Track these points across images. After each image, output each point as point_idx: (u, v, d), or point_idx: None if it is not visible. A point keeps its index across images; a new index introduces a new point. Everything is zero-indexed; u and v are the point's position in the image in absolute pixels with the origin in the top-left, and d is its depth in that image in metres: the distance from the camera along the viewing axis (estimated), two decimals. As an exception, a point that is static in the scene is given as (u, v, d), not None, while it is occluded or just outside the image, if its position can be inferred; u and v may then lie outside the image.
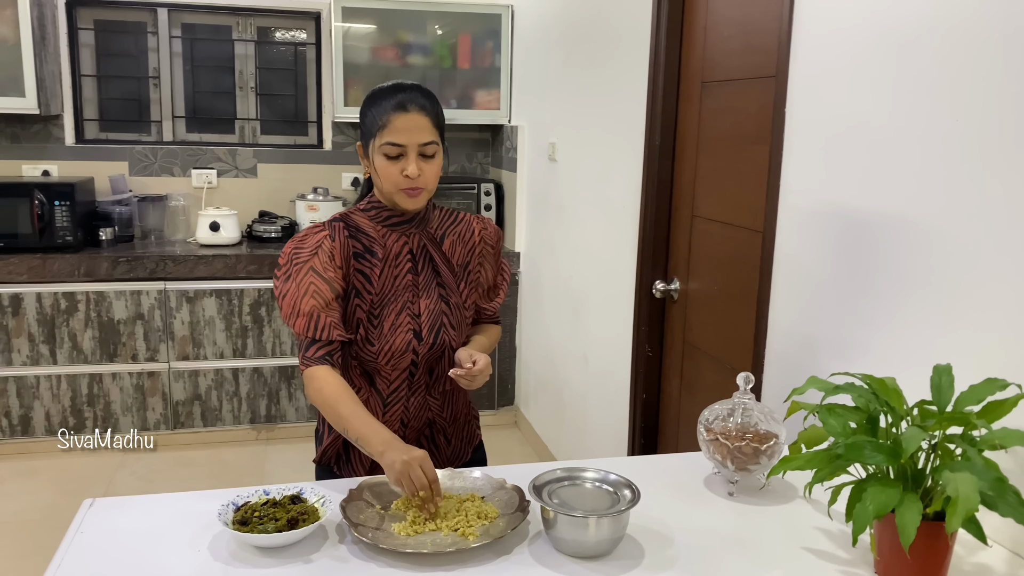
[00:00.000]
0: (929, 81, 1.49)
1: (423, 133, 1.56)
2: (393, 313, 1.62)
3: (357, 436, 1.48)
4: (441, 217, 1.74)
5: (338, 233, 1.61)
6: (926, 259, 1.50)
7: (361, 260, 1.62)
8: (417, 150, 1.56)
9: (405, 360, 1.63)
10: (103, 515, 1.39)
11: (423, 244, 1.68)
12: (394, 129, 1.54)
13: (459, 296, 1.70)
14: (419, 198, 1.60)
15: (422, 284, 1.65)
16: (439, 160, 1.60)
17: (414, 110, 1.55)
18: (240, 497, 1.36)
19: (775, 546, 1.33)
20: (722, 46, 2.32)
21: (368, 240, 1.63)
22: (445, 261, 1.70)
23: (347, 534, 1.33)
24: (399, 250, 1.65)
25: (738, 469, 1.49)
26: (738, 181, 2.22)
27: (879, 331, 1.62)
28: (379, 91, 1.61)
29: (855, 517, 1.12)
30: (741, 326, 2.21)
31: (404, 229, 1.66)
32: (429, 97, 1.60)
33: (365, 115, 1.61)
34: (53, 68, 3.94)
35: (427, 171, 1.57)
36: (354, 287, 1.61)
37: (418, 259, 1.66)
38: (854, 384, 1.22)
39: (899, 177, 1.57)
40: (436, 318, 1.65)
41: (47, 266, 3.65)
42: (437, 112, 1.60)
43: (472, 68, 4.26)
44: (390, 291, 1.63)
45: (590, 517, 1.27)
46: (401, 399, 1.67)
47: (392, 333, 1.61)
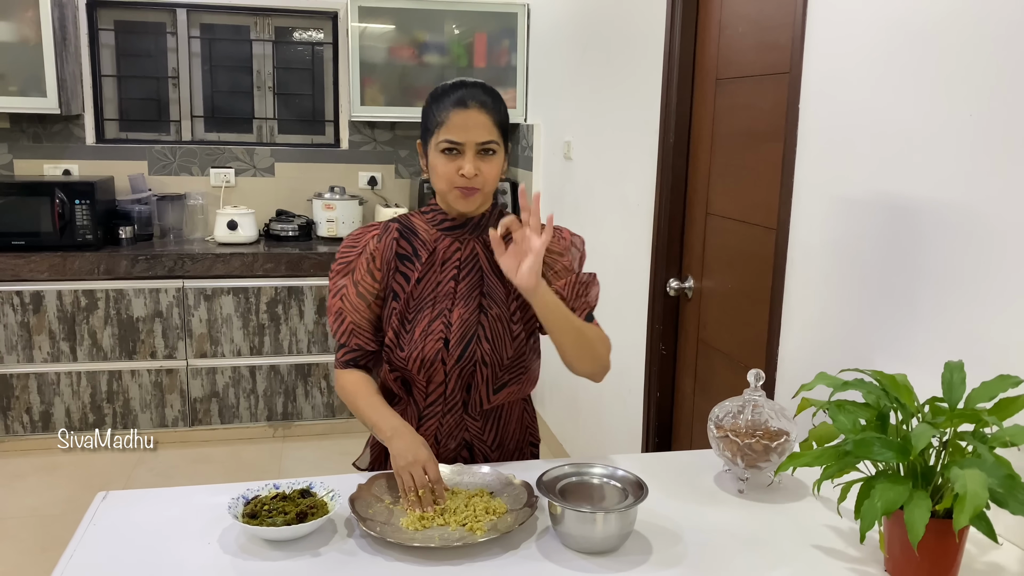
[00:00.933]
0: (945, 75, 1.47)
1: (482, 131, 1.49)
2: (427, 319, 1.56)
3: (371, 424, 1.51)
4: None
5: (387, 234, 1.59)
6: (942, 256, 1.49)
7: (404, 262, 1.59)
8: (475, 148, 1.49)
9: (438, 372, 1.57)
10: (116, 508, 1.41)
11: (475, 251, 1.60)
12: (452, 126, 1.48)
13: (505, 308, 1.59)
14: (473, 199, 1.52)
15: (461, 292, 1.58)
16: (499, 160, 1.53)
17: (474, 107, 1.49)
18: (250, 491, 1.37)
19: (784, 543, 1.33)
20: (736, 43, 2.31)
21: (418, 243, 1.59)
22: (495, 271, 1.58)
23: (355, 528, 1.33)
24: (448, 256, 1.59)
25: (748, 466, 1.48)
26: (752, 178, 2.21)
27: (894, 328, 1.61)
28: (441, 88, 1.55)
29: (863, 514, 1.11)
30: (755, 324, 2.20)
31: (458, 234, 1.60)
32: (492, 95, 1.54)
33: (426, 113, 1.55)
34: (74, 68, 3.99)
35: (485, 171, 1.50)
36: (392, 290, 1.58)
37: (464, 266, 1.59)
38: (863, 380, 1.21)
39: (915, 174, 1.55)
40: (469, 328, 1.56)
41: (67, 264, 3.70)
42: (500, 110, 1.53)
43: (488, 67, 4.26)
44: (428, 296, 1.57)
45: (597, 513, 1.27)
46: (436, 415, 1.61)
47: (422, 340, 1.55)
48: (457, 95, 1.50)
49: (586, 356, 1.56)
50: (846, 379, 1.22)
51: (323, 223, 4.23)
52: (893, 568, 1.21)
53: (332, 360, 4.00)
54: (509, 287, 1.58)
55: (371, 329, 1.60)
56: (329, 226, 4.22)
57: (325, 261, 3.94)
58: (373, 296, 1.58)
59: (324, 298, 3.96)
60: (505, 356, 1.58)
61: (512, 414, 1.69)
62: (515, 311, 1.59)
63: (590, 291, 1.62)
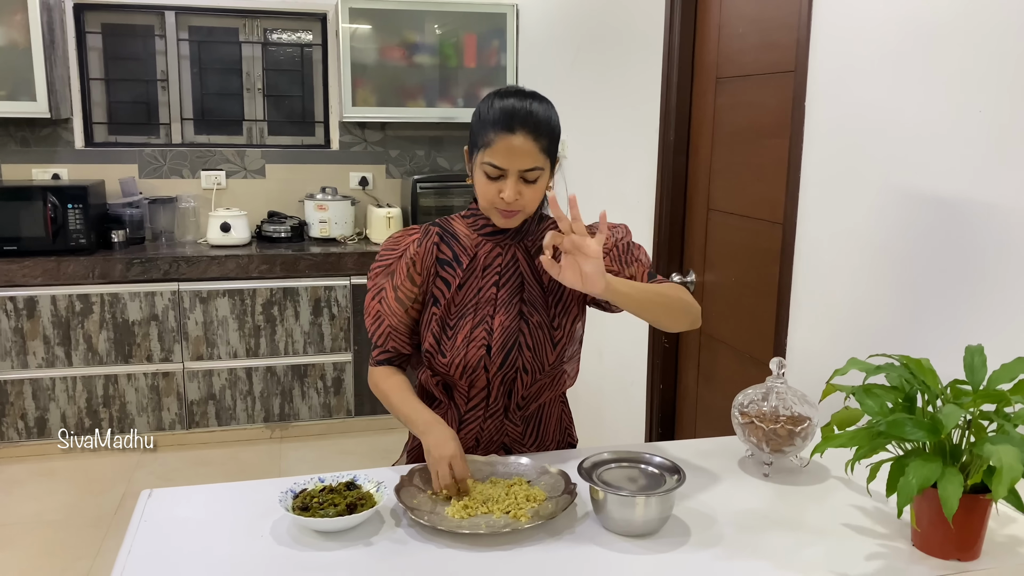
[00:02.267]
0: (955, 71, 1.54)
1: (526, 159, 1.46)
2: (469, 325, 1.57)
3: (404, 419, 1.54)
4: (544, 229, 1.64)
5: (428, 238, 1.60)
6: (950, 247, 1.56)
7: (445, 267, 1.59)
8: (518, 175, 1.48)
9: (480, 378, 1.59)
10: (162, 505, 1.43)
11: (516, 257, 1.60)
12: (496, 151, 1.46)
13: (545, 315, 1.60)
14: (514, 219, 1.54)
15: (502, 299, 1.59)
16: (542, 184, 1.52)
17: (520, 133, 1.45)
18: (297, 484, 1.41)
19: (814, 522, 1.39)
20: (736, 43, 2.37)
21: (459, 248, 1.60)
22: (536, 277, 1.60)
23: (402, 518, 1.37)
24: (489, 261, 1.60)
25: (773, 451, 1.54)
26: (756, 174, 2.28)
27: (903, 317, 1.68)
28: (492, 102, 1.51)
29: (899, 490, 1.17)
30: (760, 316, 2.26)
31: (499, 240, 1.60)
32: (542, 116, 1.49)
33: (474, 124, 1.53)
34: (62, 72, 3.97)
35: (526, 195, 1.50)
36: (432, 295, 1.60)
37: (505, 272, 1.60)
38: (893, 365, 1.28)
39: (925, 169, 1.62)
40: (510, 336, 1.58)
41: (61, 268, 3.68)
42: (549, 132, 1.50)
43: (478, 67, 4.31)
44: (470, 302, 1.59)
45: (639, 496, 1.32)
46: (477, 419, 1.64)
47: (465, 346, 1.57)
48: (506, 116, 1.46)
49: (679, 313, 1.54)
50: (878, 364, 1.28)
51: (315, 224, 4.25)
52: (921, 542, 1.28)
53: (328, 360, 4.03)
54: (549, 293, 1.61)
55: (408, 333, 1.62)
56: (322, 227, 4.24)
57: (320, 262, 3.96)
58: (411, 301, 1.60)
59: (320, 299, 3.98)
60: (547, 363, 1.61)
61: (551, 416, 1.73)
62: (555, 316, 1.62)
63: (638, 255, 1.63)
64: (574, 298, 1.64)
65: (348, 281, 4.01)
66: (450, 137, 4.60)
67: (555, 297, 1.62)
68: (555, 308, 1.62)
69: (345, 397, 4.12)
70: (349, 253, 4.01)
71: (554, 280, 1.59)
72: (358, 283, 4.02)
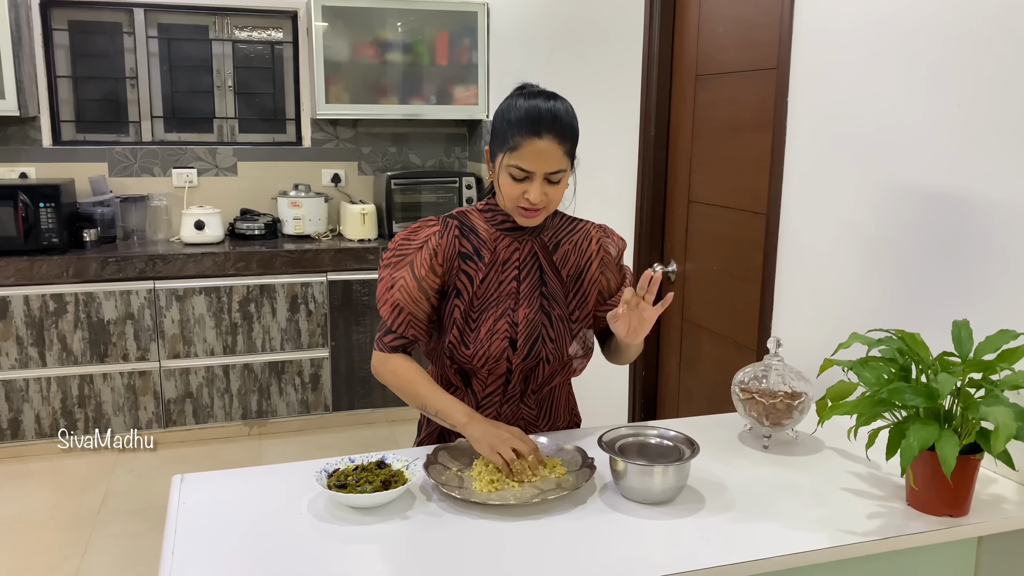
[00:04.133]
0: (933, 66, 1.66)
1: (552, 162, 1.52)
2: (492, 318, 1.63)
3: (436, 410, 1.59)
4: (559, 224, 1.71)
5: (448, 231, 1.63)
6: (927, 232, 1.68)
7: (467, 261, 1.63)
8: (543, 177, 1.53)
9: (500, 367, 1.65)
10: (196, 489, 1.47)
11: (534, 251, 1.66)
12: (523, 155, 1.51)
13: (564, 308, 1.68)
14: (536, 217, 1.59)
15: (524, 292, 1.64)
16: (565, 183, 1.58)
17: (548, 137, 1.51)
18: (330, 465, 1.47)
19: (816, 488, 1.49)
20: (716, 41, 2.48)
21: (478, 242, 1.64)
22: (554, 271, 1.67)
23: (433, 493, 1.44)
24: (508, 256, 1.65)
25: (772, 424, 1.65)
26: (738, 168, 2.39)
27: (885, 300, 1.80)
28: (516, 104, 1.55)
29: (902, 452, 1.27)
30: (743, 302, 2.38)
31: (517, 235, 1.65)
32: (566, 118, 1.55)
33: (498, 125, 1.57)
34: (29, 69, 3.92)
35: (551, 194, 1.56)
36: (455, 287, 1.63)
37: (524, 266, 1.65)
38: (891, 338, 1.39)
39: (905, 159, 1.74)
40: (534, 329, 1.64)
41: (34, 268, 3.65)
42: (572, 134, 1.56)
43: (450, 64, 4.37)
44: (492, 296, 1.63)
45: (657, 466, 1.41)
46: (494, 404, 1.70)
47: (488, 339, 1.62)
48: (532, 121, 1.51)
49: (634, 356, 1.75)
50: (878, 337, 1.39)
51: (289, 221, 4.26)
52: (915, 501, 1.39)
53: (305, 357, 4.06)
54: (567, 287, 1.69)
55: (426, 320, 1.66)
56: (296, 223, 4.26)
57: (296, 259, 3.98)
58: (433, 291, 1.64)
59: (296, 295, 4.00)
60: (566, 353, 1.69)
61: (560, 397, 1.81)
62: (574, 310, 1.70)
63: (624, 273, 1.77)
64: (592, 292, 1.72)
65: (324, 277, 4.04)
66: (421, 134, 4.65)
67: (574, 291, 1.71)
68: (574, 301, 1.70)
69: (323, 393, 4.15)
70: (324, 249, 4.04)
71: (571, 274, 1.70)
72: (334, 279, 4.05)
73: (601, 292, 1.74)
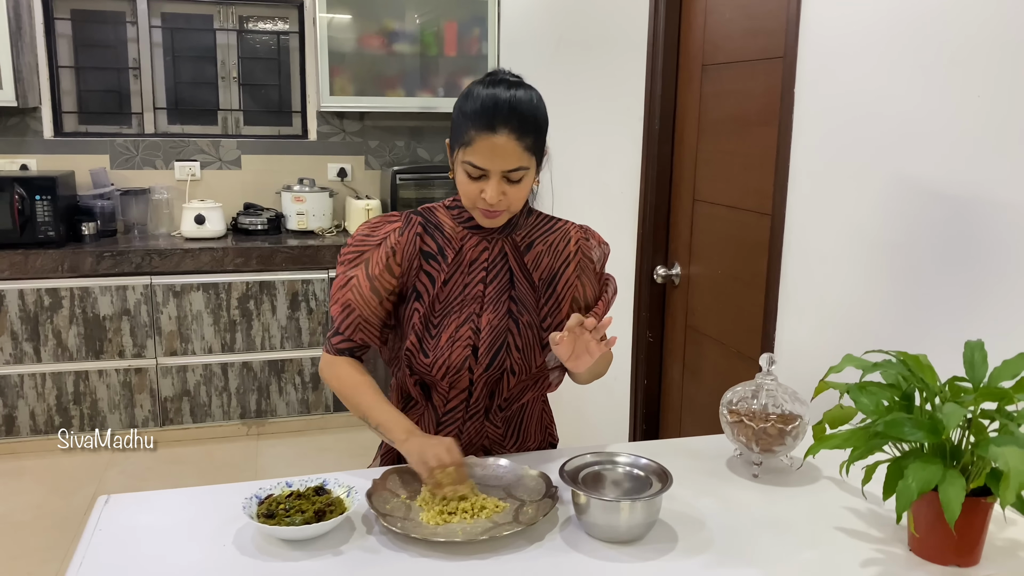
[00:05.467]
0: (951, 54, 1.48)
1: (509, 159, 1.37)
2: (454, 324, 1.48)
3: (377, 423, 1.46)
4: (534, 223, 1.56)
5: (410, 228, 1.50)
6: (946, 237, 1.50)
7: (429, 261, 1.50)
8: (500, 175, 1.38)
9: (463, 379, 1.51)
10: (120, 512, 1.35)
11: (504, 252, 1.52)
12: (477, 151, 1.37)
13: (534, 315, 1.53)
14: (497, 219, 1.45)
15: (490, 296, 1.50)
16: (528, 182, 1.42)
17: (503, 133, 1.35)
18: (263, 490, 1.33)
19: (807, 526, 1.33)
20: (723, 28, 2.30)
21: (443, 240, 1.50)
22: (525, 273, 1.53)
23: (375, 524, 1.30)
24: (475, 256, 1.51)
25: (763, 451, 1.48)
26: (743, 164, 2.22)
27: (896, 311, 1.62)
28: (474, 93, 1.40)
29: (898, 494, 1.11)
30: (747, 309, 2.20)
31: (486, 233, 1.51)
32: (527, 109, 1.39)
33: (455, 115, 1.43)
34: (30, 59, 3.85)
35: (511, 195, 1.41)
36: (415, 290, 1.50)
37: (492, 268, 1.51)
38: (891, 362, 1.22)
39: (919, 156, 1.56)
40: (498, 336, 1.49)
41: (29, 262, 3.57)
42: (535, 128, 1.40)
43: (459, 55, 4.22)
44: (456, 300, 1.49)
45: (623, 501, 1.25)
46: (456, 421, 1.56)
47: (449, 346, 1.48)
48: (487, 112, 1.36)
49: (594, 379, 1.61)
50: (874, 361, 1.22)
51: (293, 216, 4.16)
52: (919, 547, 1.22)
53: (306, 356, 3.94)
54: (539, 291, 1.54)
55: (379, 324, 1.53)
56: (299, 219, 4.15)
57: (297, 255, 3.87)
58: (388, 292, 1.50)
59: (297, 292, 3.89)
60: (534, 365, 1.54)
61: (532, 415, 1.66)
62: (545, 316, 1.54)
63: (607, 289, 1.62)
64: (565, 301, 1.56)
65: (326, 274, 3.92)
66: (430, 127, 4.51)
67: (545, 296, 1.55)
68: (545, 307, 1.55)
69: (324, 393, 4.03)
70: (327, 246, 3.92)
71: (544, 277, 1.54)
72: (336, 276, 3.93)
73: (576, 299, 1.58)
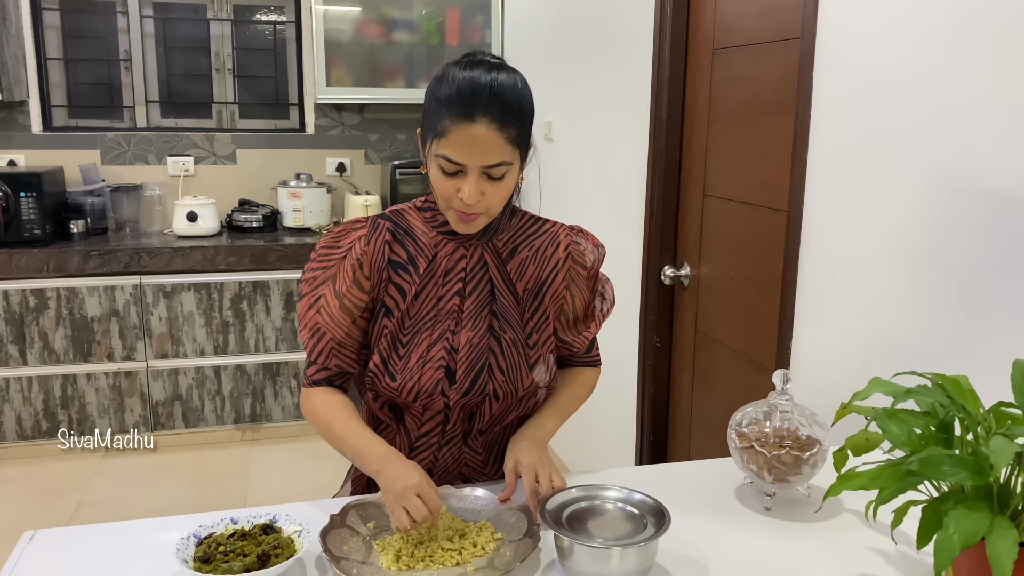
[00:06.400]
0: (987, 32, 1.29)
1: (489, 153, 1.19)
2: (425, 343, 1.31)
3: (353, 454, 1.28)
4: (519, 226, 1.39)
5: (377, 235, 1.32)
6: (985, 236, 1.31)
7: (399, 272, 1.32)
8: (479, 171, 1.21)
9: (436, 402, 1.34)
10: (44, 551, 1.19)
11: (484, 260, 1.34)
12: (452, 143, 1.19)
13: (519, 331, 1.35)
14: (474, 223, 1.27)
15: (469, 311, 1.33)
16: (510, 181, 1.25)
17: (483, 122, 1.17)
18: (203, 528, 1.17)
19: (824, 572, 1.15)
20: (736, 8, 2.12)
21: (415, 248, 1.33)
22: (508, 284, 1.35)
23: (329, 570, 1.13)
24: (451, 265, 1.33)
25: (776, 480, 1.30)
26: (757, 156, 2.03)
27: (932, 322, 1.44)
28: (450, 76, 1.21)
29: (937, 548, 0.93)
30: (762, 315, 2.02)
31: (463, 239, 1.34)
32: (510, 95, 1.20)
33: (427, 104, 1.25)
34: (16, 51, 3.71)
35: (490, 194, 1.23)
36: (384, 304, 1.33)
37: (471, 278, 1.34)
38: (927, 387, 1.03)
39: (951, 145, 1.38)
40: (479, 357, 1.32)
41: (13, 261, 3.43)
42: (519, 116, 1.22)
43: (461, 45, 4.04)
44: (428, 315, 1.32)
45: (613, 547, 1.08)
46: (431, 447, 1.39)
47: (419, 369, 1.30)
48: (464, 99, 1.18)
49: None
50: (907, 386, 1.04)
51: (289, 213, 4.00)
52: (959, 603, 1.04)
53: (301, 358, 3.78)
54: (524, 304, 1.36)
55: (355, 347, 1.35)
56: (296, 216, 3.99)
57: (292, 253, 3.71)
58: (360, 311, 1.33)
59: (292, 292, 3.74)
60: (521, 387, 1.35)
61: None
62: (531, 332, 1.36)
63: (602, 305, 1.46)
64: (552, 313, 1.39)
65: (322, 273, 3.76)
66: (433, 120, 4.34)
67: (531, 309, 1.37)
68: (531, 322, 1.37)
69: (321, 396, 3.87)
70: (323, 244, 3.76)
71: (530, 288, 1.36)
72: (333, 276, 3.77)
73: (564, 311, 1.40)
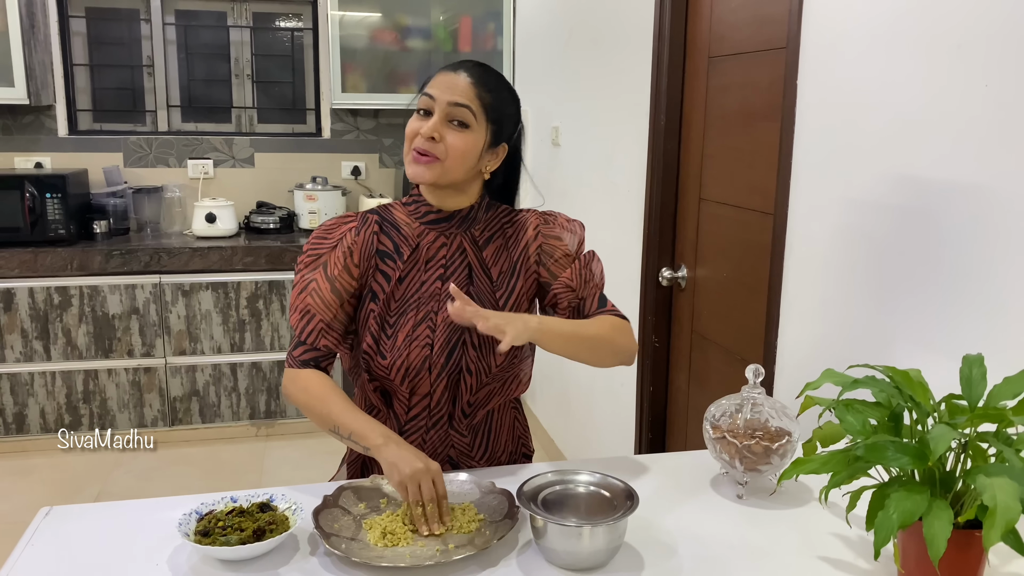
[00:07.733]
0: (957, 43, 1.36)
1: (458, 93, 1.38)
2: (411, 323, 1.42)
3: (350, 432, 1.35)
4: (494, 217, 1.51)
5: (366, 227, 1.45)
6: (956, 241, 1.38)
7: (386, 260, 1.44)
8: (445, 111, 1.37)
9: (423, 383, 1.44)
10: (58, 525, 1.29)
11: (462, 247, 1.47)
12: (432, 84, 1.41)
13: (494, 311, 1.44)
14: (428, 167, 1.37)
15: (447, 294, 1.43)
16: (470, 141, 1.39)
17: (462, 71, 1.40)
18: (204, 505, 1.26)
19: (788, 555, 1.22)
20: (730, 18, 2.18)
21: (399, 238, 1.46)
22: (484, 269, 1.47)
23: (320, 545, 1.22)
24: (432, 253, 1.46)
25: (747, 470, 1.37)
26: (748, 161, 2.10)
27: (902, 319, 1.50)
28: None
29: (877, 527, 0.99)
30: (751, 315, 2.09)
31: (444, 228, 1.46)
32: (491, 74, 1.44)
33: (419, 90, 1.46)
34: (44, 57, 3.84)
35: (450, 141, 1.37)
36: (371, 290, 1.44)
37: (451, 264, 1.46)
38: (875, 378, 1.10)
39: (925, 152, 1.44)
40: (453, 334, 1.43)
41: (39, 260, 3.56)
42: (496, 92, 1.42)
43: (474, 51, 4.13)
44: (412, 298, 1.44)
45: (584, 526, 1.15)
46: (419, 429, 1.49)
47: (407, 346, 1.41)
48: (453, 62, 1.44)
49: (606, 355, 1.44)
50: (856, 377, 1.10)
51: (305, 215, 4.11)
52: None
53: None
54: (498, 288, 1.47)
55: (341, 329, 1.45)
56: (311, 218, 4.10)
57: (307, 254, 3.81)
58: (349, 295, 1.44)
59: (306, 292, 3.83)
60: (493, 364, 1.45)
61: (503, 424, 1.57)
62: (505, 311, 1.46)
63: (595, 271, 1.52)
64: (526, 295, 1.49)
65: (336, 274, 3.85)
66: (446, 125, 4.43)
67: (505, 293, 1.48)
68: (506, 302, 1.47)
69: (333, 394, 3.97)
70: (337, 245, 3.86)
71: (504, 274, 1.47)
72: (346, 276, 3.86)
73: (544, 286, 1.50)
